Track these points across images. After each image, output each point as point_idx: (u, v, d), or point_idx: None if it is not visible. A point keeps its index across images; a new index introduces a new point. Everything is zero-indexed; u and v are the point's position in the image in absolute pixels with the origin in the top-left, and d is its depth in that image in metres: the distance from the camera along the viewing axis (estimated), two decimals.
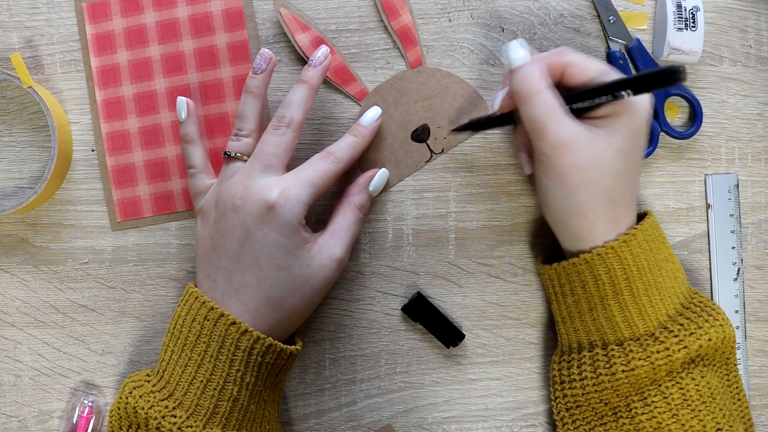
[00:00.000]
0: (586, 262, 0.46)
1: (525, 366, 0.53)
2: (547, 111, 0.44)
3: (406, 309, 0.52)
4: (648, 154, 0.53)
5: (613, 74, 0.44)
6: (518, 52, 0.45)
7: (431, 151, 0.53)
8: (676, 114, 0.54)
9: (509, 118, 0.48)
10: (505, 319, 0.53)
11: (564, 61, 0.45)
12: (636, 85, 0.42)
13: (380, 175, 0.51)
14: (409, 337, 0.53)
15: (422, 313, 0.52)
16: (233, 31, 0.52)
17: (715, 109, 0.54)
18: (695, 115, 0.53)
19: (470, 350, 0.53)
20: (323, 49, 0.49)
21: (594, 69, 0.45)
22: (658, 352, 0.45)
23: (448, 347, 0.52)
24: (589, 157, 0.43)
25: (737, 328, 0.54)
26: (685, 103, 0.54)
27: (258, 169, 0.46)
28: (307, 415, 0.53)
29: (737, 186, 0.54)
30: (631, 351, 0.45)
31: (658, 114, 0.53)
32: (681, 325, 0.46)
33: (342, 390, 0.53)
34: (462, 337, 0.52)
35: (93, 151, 0.53)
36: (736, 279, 0.54)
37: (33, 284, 0.53)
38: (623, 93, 0.42)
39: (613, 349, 0.46)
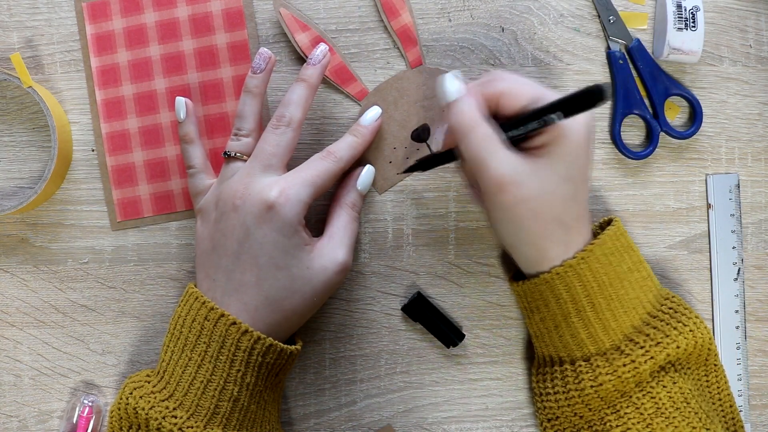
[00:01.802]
0: (546, 282, 0.45)
1: (525, 366, 0.53)
2: (486, 146, 0.43)
3: (406, 309, 0.52)
4: (648, 154, 0.53)
5: (545, 99, 0.43)
6: (452, 85, 0.44)
7: (431, 151, 0.53)
8: (676, 114, 0.54)
9: (453, 155, 0.47)
10: (505, 319, 0.53)
11: (497, 91, 0.44)
12: (562, 108, 0.40)
13: (366, 172, 0.51)
14: (409, 337, 0.53)
15: (422, 313, 0.52)
16: (233, 31, 0.52)
17: (715, 109, 0.54)
18: (695, 115, 0.53)
19: (470, 350, 0.53)
20: (322, 48, 0.49)
21: (526, 96, 0.44)
22: (624, 365, 0.45)
23: (448, 347, 0.52)
24: (532, 189, 0.43)
25: (737, 328, 0.54)
26: (685, 103, 0.54)
27: (258, 168, 0.46)
28: (307, 415, 0.53)
29: (738, 186, 0.54)
30: (597, 366, 0.45)
31: (658, 114, 0.53)
32: (647, 335, 0.45)
33: (342, 390, 0.53)
34: (462, 337, 0.52)
35: (93, 151, 0.53)
36: (736, 279, 0.54)
37: (33, 284, 0.53)
38: (552, 117, 0.40)
39: (580, 365, 0.46)
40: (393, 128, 0.53)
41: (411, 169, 0.51)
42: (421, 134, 0.53)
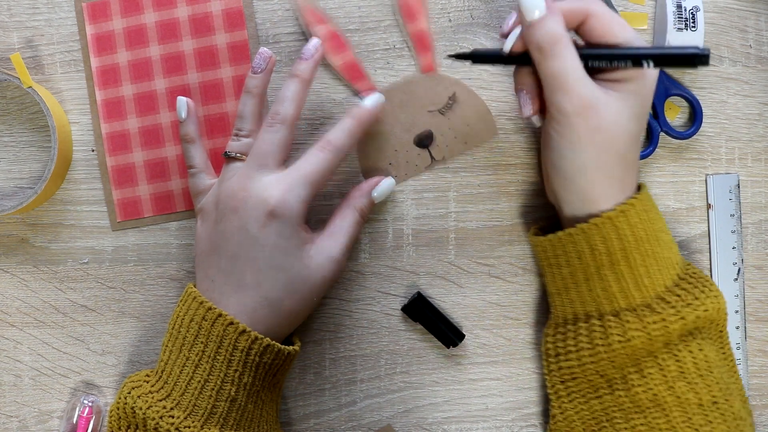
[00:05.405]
0: (583, 231, 0.45)
1: (525, 366, 0.53)
2: (572, 67, 0.43)
3: (406, 309, 0.52)
4: (648, 154, 0.53)
5: (637, 42, 0.44)
6: (536, 2, 0.43)
7: (432, 157, 0.53)
8: (676, 114, 0.54)
9: (518, 59, 0.46)
10: (505, 319, 0.53)
11: (587, 10, 0.44)
12: (660, 60, 0.42)
13: (385, 184, 0.51)
14: (409, 337, 0.53)
15: (422, 313, 0.52)
16: (233, 31, 0.52)
17: (715, 109, 0.54)
18: (695, 115, 0.53)
19: (470, 350, 0.53)
20: (314, 42, 0.48)
21: (622, 35, 0.44)
22: (654, 323, 0.45)
23: (448, 347, 0.52)
24: (609, 119, 0.44)
25: (737, 328, 0.54)
26: (685, 103, 0.54)
27: (255, 168, 0.46)
28: (307, 415, 0.53)
29: (738, 186, 0.54)
30: (627, 321, 0.45)
31: (658, 114, 0.53)
32: (678, 296, 0.46)
33: (342, 390, 0.53)
34: (462, 337, 0.52)
35: (93, 151, 0.53)
36: (736, 279, 0.54)
37: (33, 284, 0.53)
38: (647, 63, 0.43)
39: (609, 320, 0.46)
40: (397, 130, 0.52)
41: (463, 56, 0.47)
42: (424, 140, 0.53)
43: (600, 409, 0.48)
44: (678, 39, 0.51)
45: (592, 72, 0.44)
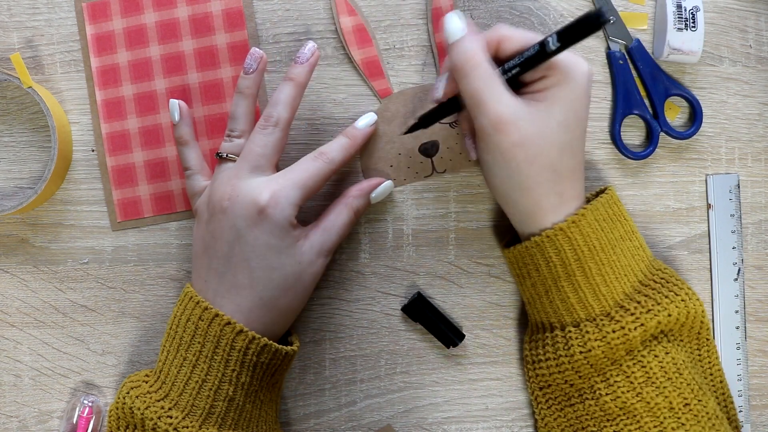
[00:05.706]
0: (537, 244, 0.45)
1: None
2: (487, 85, 0.43)
3: (406, 309, 0.52)
4: (648, 155, 0.53)
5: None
6: (456, 25, 0.44)
7: (434, 168, 0.53)
8: (676, 114, 0.54)
9: (455, 104, 0.47)
10: (505, 319, 0.53)
11: (498, 36, 0.44)
12: (561, 36, 0.41)
13: (384, 187, 0.51)
14: (409, 337, 0.53)
15: (422, 313, 0.52)
16: (233, 31, 0.52)
17: (715, 109, 0.54)
18: (695, 115, 0.53)
19: (470, 350, 0.53)
20: (310, 45, 0.48)
21: (526, 39, 0.44)
22: (614, 331, 0.45)
23: (448, 347, 0.52)
24: (530, 132, 0.43)
25: (737, 328, 0.54)
26: (685, 103, 0.54)
27: (246, 169, 0.46)
28: (307, 415, 0.53)
29: (738, 186, 0.54)
30: (587, 332, 0.45)
31: (658, 114, 0.53)
32: (638, 302, 0.46)
33: (342, 390, 0.53)
34: (462, 337, 0.52)
35: (93, 151, 0.53)
36: (736, 279, 0.54)
37: (33, 284, 0.53)
38: (548, 40, 0.41)
39: (570, 331, 0.46)
40: (404, 136, 0.52)
41: (413, 128, 0.50)
42: (429, 149, 0.52)
43: (574, 417, 0.48)
44: (678, 39, 0.51)
45: (519, 89, 0.44)
